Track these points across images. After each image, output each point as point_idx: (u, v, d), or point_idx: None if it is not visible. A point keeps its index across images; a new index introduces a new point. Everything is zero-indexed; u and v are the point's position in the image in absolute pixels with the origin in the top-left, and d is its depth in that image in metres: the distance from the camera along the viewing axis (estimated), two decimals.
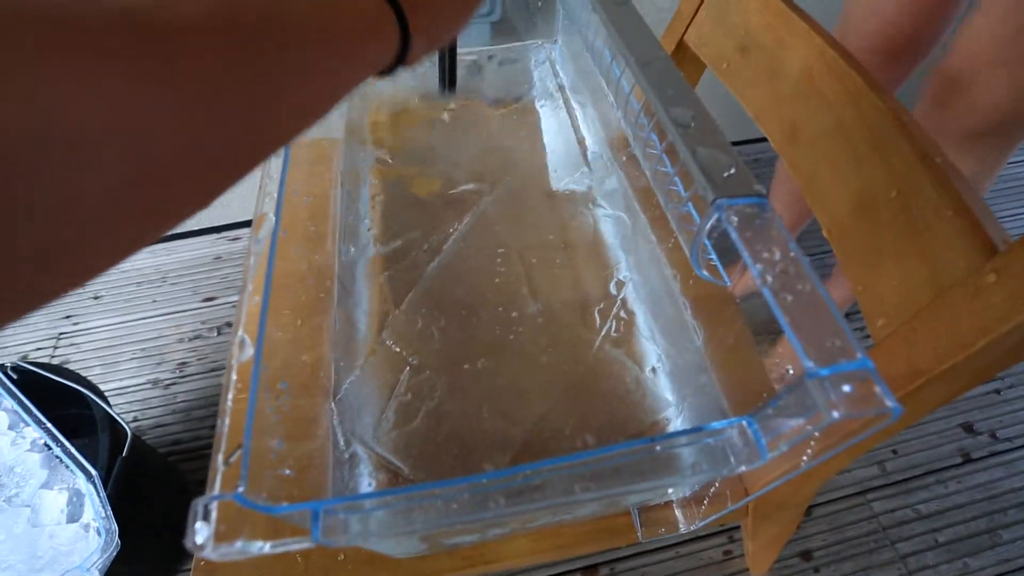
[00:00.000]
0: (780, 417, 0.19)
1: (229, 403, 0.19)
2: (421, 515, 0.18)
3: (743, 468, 0.20)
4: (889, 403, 0.17)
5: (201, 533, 0.16)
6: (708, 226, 0.23)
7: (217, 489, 0.17)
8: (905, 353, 0.27)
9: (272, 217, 0.25)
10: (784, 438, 0.18)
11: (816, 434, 0.21)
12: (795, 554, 0.75)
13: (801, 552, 0.75)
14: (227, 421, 0.19)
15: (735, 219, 0.22)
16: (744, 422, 0.20)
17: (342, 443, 0.33)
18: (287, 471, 0.21)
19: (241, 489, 0.17)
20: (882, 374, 0.28)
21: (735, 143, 1.27)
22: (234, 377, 0.19)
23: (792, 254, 0.21)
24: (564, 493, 0.18)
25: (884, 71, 0.64)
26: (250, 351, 0.19)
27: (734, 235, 0.21)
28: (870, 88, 0.36)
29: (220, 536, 0.16)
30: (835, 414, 0.16)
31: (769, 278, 0.20)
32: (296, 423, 0.28)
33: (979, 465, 0.81)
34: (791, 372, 0.18)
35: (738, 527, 0.77)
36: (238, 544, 0.16)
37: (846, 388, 0.17)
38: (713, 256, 0.28)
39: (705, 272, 0.27)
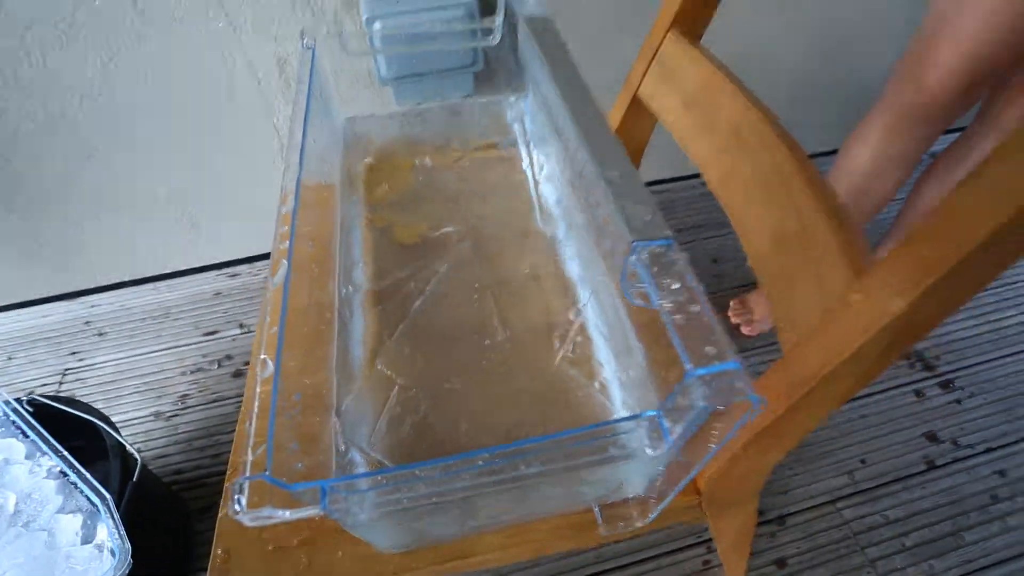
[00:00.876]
0: (676, 409, 0.25)
1: (255, 409, 0.24)
2: (406, 489, 0.24)
3: (657, 452, 0.26)
4: (749, 394, 0.23)
5: (239, 503, 0.21)
6: (628, 261, 0.29)
7: (248, 473, 0.23)
8: (800, 362, 0.33)
9: (285, 263, 0.31)
10: (677, 425, 0.24)
11: (717, 424, 0.27)
12: (770, 562, 0.78)
13: (776, 560, 0.78)
14: (253, 422, 0.24)
15: (646, 257, 0.28)
16: (654, 414, 0.26)
17: (342, 449, 0.39)
18: (299, 465, 0.26)
19: (267, 472, 0.22)
20: (786, 380, 0.34)
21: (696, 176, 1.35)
22: (258, 390, 0.25)
23: (690, 285, 0.27)
24: (512, 468, 0.24)
25: (959, 103, 0.62)
26: (271, 367, 0.25)
27: (642, 271, 0.27)
28: (781, 141, 0.43)
29: (252, 505, 0.21)
30: (705, 404, 0.22)
31: (667, 304, 0.26)
32: (305, 434, 0.33)
33: (943, 471, 0.85)
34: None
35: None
36: (266, 510, 0.21)
37: (715, 384, 0.23)
38: (645, 285, 0.34)
39: (636, 299, 0.33)
